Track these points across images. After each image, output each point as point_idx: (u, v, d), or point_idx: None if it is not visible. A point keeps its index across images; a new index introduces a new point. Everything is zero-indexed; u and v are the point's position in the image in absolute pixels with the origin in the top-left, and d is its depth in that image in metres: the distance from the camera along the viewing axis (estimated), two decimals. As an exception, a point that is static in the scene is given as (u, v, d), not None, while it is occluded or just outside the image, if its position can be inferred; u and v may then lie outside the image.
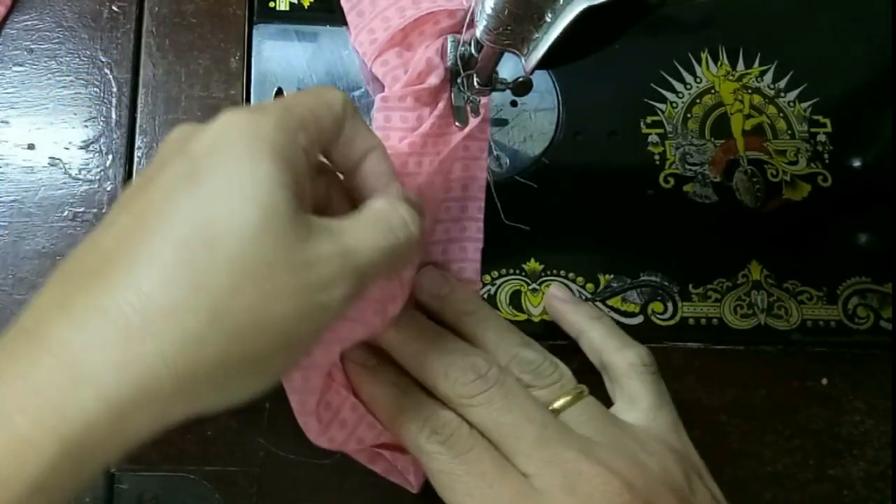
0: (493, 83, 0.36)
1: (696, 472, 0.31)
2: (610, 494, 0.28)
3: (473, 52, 0.36)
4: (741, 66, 0.44)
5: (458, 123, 0.37)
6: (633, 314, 0.39)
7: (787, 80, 0.44)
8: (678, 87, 0.43)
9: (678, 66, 0.43)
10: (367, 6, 0.39)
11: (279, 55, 0.41)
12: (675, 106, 0.43)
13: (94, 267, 0.23)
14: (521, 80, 0.37)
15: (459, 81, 0.37)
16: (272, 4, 0.42)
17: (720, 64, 0.44)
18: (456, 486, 0.29)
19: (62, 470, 0.21)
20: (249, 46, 0.41)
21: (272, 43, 0.41)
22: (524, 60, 0.30)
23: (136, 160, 0.39)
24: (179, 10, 0.41)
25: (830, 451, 0.38)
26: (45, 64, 0.40)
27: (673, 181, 0.41)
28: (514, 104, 0.42)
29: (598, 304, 0.39)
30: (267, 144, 0.24)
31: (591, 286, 0.39)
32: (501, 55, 0.34)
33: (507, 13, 0.28)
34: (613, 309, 0.39)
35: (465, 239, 0.38)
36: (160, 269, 0.22)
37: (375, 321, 0.32)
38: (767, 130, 0.43)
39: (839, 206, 0.41)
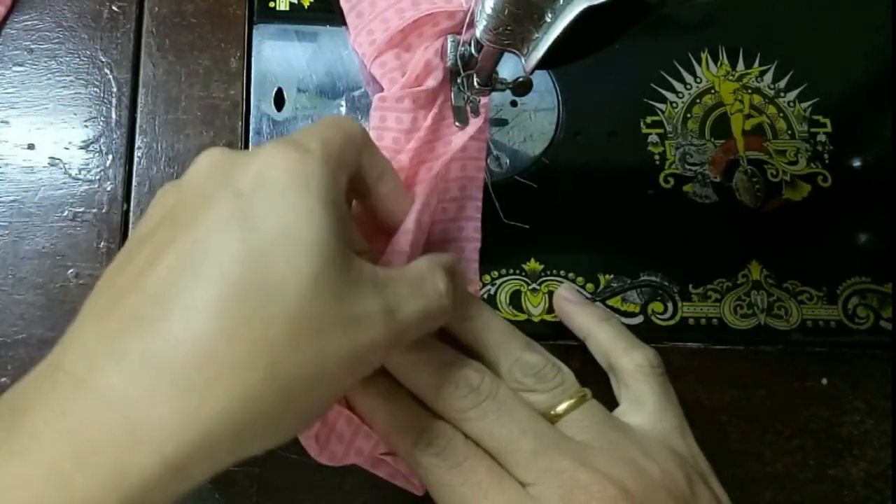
0: (493, 83, 0.36)
1: (700, 475, 0.31)
2: (607, 502, 0.28)
3: (473, 52, 0.36)
4: (741, 66, 0.44)
5: (458, 123, 0.37)
6: (633, 314, 0.39)
7: (787, 80, 0.44)
8: (678, 87, 0.43)
9: (678, 66, 0.43)
10: (366, 7, 0.39)
11: (279, 55, 0.41)
12: (675, 106, 0.43)
13: (142, 309, 0.22)
14: (521, 80, 0.37)
15: (459, 81, 0.37)
16: (272, 4, 0.42)
17: (720, 64, 0.44)
18: (453, 497, 0.29)
19: None
20: (249, 46, 0.41)
21: (272, 43, 0.41)
22: (524, 60, 0.30)
23: (135, 160, 0.39)
24: (179, 10, 0.41)
25: (830, 451, 0.38)
26: (45, 64, 0.40)
27: (673, 181, 0.41)
28: (514, 104, 0.42)
29: (598, 303, 0.39)
30: (319, 189, 0.24)
31: (591, 286, 0.39)
32: (501, 55, 0.34)
33: (507, 13, 0.28)
34: (613, 309, 0.39)
35: (463, 239, 0.38)
36: (218, 321, 0.22)
37: None
38: (767, 130, 0.43)
39: (839, 206, 0.41)
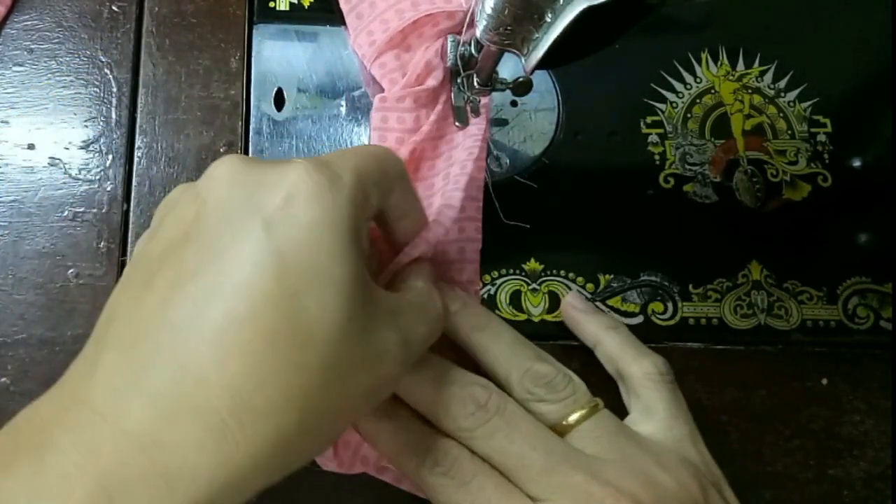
0: (493, 83, 0.36)
1: (714, 484, 0.31)
2: None
3: (473, 52, 0.36)
4: (741, 66, 0.44)
5: (458, 123, 0.37)
6: (633, 314, 0.39)
7: (787, 80, 0.44)
8: (678, 87, 0.43)
9: (678, 66, 0.43)
10: (365, 8, 0.39)
11: (279, 55, 0.41)
12: (675, 106, 0.43)
13: (171, 346, 0.21)
14: (521, 80, 0.37)
15: (459, 81, 0.37)
16: (272, 4, 0.42)
17: (720, 64, 0.44)
18: None
19: None
20: (249, 46, 0.41)
21: (272, 43, 0.41)
22: (524, 60, 0.30)
23: (135, 160, 0.39)
24: (179, 10, 0.41)
25: (830, 451, 0.38)
26: (45, 64, 0.40)
27: (673, 181, 0.41)
28: (514, 104, 0.42)
29: (598, 303, 0.39)
30: (349, 227, 0.24)
31: (591, 286, 0.39)
32: (501, 55, 0.34)
33: (507, 13, 0.28)
34: (613, 309, 0.39)
35: (463, 239, 0.37)
36: (252, 365, 0.21)
37: None
38: (767, 130, 0.43)
39: (839, 206, 0.41)
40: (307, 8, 0.42)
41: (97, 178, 0.38)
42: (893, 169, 0.42)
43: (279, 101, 0.40)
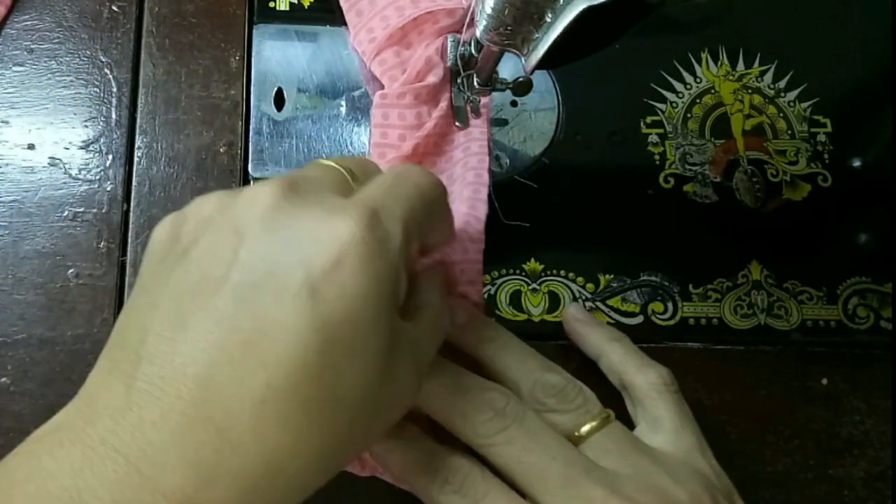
0: (493, 83, 0.36)
1: (726, 495, 0.31)
2: None
3: (473, 52, 0.36)
4: (741, 66, 0.44)
5: (458, 123, 0.37)
6: (633, 314, 0.39)
7: (787, 80, 0.44)
8: (678, 87, 0.43)
9: (678, 66, 0.43)
10: (365, 5, 0.39)
11: (279, 55, 0.41)
12: (675, 106, 0.43)
13: (208, 408, 0.21)
14: (521, 80, 0.37)
15: (459, 81, 0.38)
16: (272, 4, 0.42)
17: (720, 64, 0.44)
18: None
19: None
20: (249, 46, 0.41)
21: (272, 43, 0.41)
22: (524, 60, 0.30)
23: (135, 160, 0.39)
24: (179, 10, 0.41)
25: (830, 451, 0.38)
26: (45, 64, 0.40)
27: (673, 181, 0.41)
28: (514, 104, 0.42)
29: (598, 303, 0.39)
30: (393, 292, 0.24)
31: (591, 286, 0.39)
32: (501, 55, 0.34)
33: (507, 13, 0.28)
34: (613, 309, 0.39)
35: (466, 240, 0.37)
36: (289, 435, 0.22)
37: None
38: (767, 130, 0.43)
39: (839, 206, 0.41)
40: (307, 8, 0.42)
41: (97, 178, 0.38)
42: (893, 169, 0.42)
43: (279, 101, 0.40)
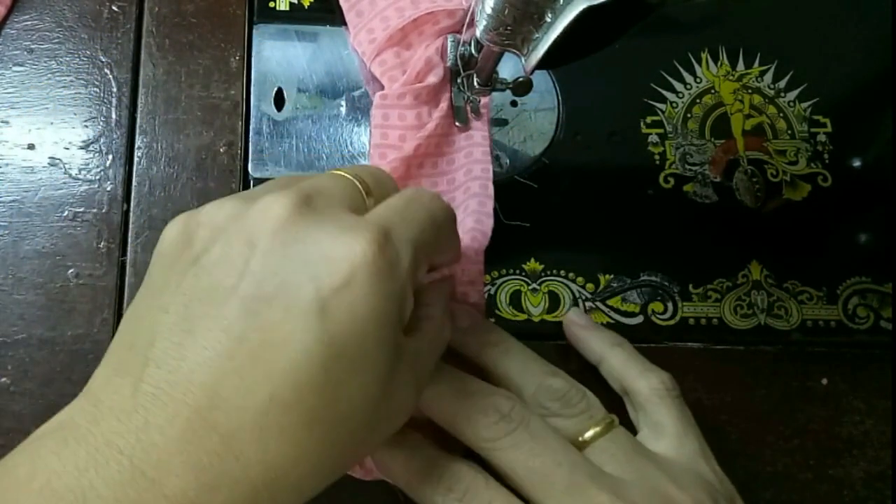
0: (493, 83, 0.36)
1: (729, 500, 0.31)
2: None
3: (473, 52, 0.36)
4: (741, 66, 0.44)
5: (458, 123, 0.37)
6: (633, 314, 0.39)
7: (787, 80, 0.44)
8: (678, 87, 0.43)
9: (678, 66, 0.43)
10: (366, 6, 0.39)
11: (279, 55, 0.41)
12: (675, 106, 0.43)
13: (213, 416, 0.22)
14: (521, 80, 0.37)
15: (459, 81, 0.38)
16: (272, 4, 0.42)
17: (720, 64, 0.44)
18: None
19: None
20: (249, 46, 0.41)
21: (272, 43, 0.41)
22: (524, 60, 0.30)
23: (135, 160, 0.39)
24: (179, 10, 0.41)
25: (830, 451, 0.38)
26: (45, 64, 0.40)
27: (673, 181, 0.41)
28: (514, 104, 0.42)
29: (598, 303, 0.39)
30: (400, 312, 0.25)
31: (591, 286, 0.39)
32: (501, 55, 0.34)
33: (507, 13, 0.28)
34: (613, 309, 0.39)
35: (467, 241, 0.37)
36: (291, 447, 0.22)
37: None
38: (767, 130, 0.43)
39: (839, 206, 0.41)
40: (307, 8, 0.42)
41: (97, 178, 0.38)
42: (893, 169, 0.42)
43: (279, 101, 0.40)
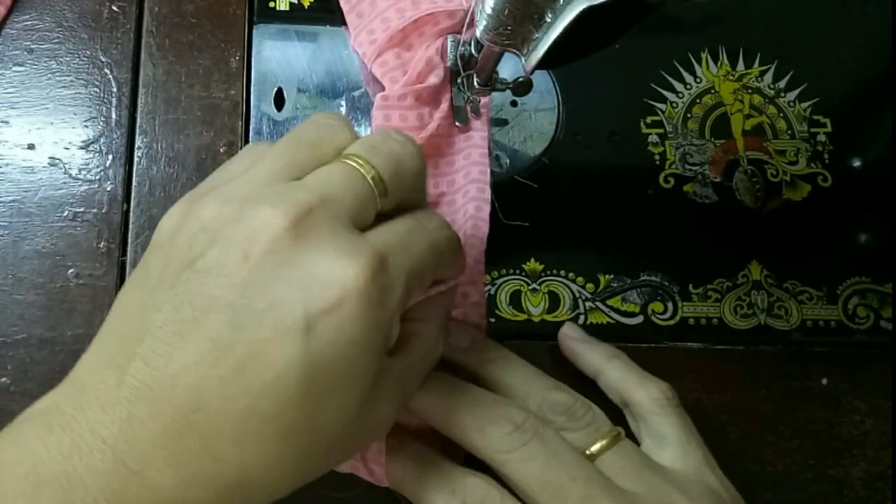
0: (493, 83, 0.36)
1: None
2: None
3: (473, 52, 0.36)
4: (741, 66, 0.44)
5: (458, 124, 0.37)
6: (633, 314, 0.39)
7: (787, 80, 0.44)
8: (678, 87, 0.43)
9: (678, 66, 0.43)
10: (366, 7, 0.39)
11: (279, 55, 0.41)
12: (675, 106, 0.43)
13: (194, 417, 0.22)
14: (521, 80, 0.37)
15: (459, 81, 0.37)
16: (272, 4, 0.42)
17: (720, 64, 0.44)
18: None
19: None
20: (249, 46, 0.41)
21: (272, 43, 0.41)
22: (524, 60, 0.30)
23: (135, 160, 0.39)
24: (179, 10, 0.41)
25: (830, 451, 0.38)
26: (45, 64, 0.40)
27: (673, 181, 0.41)
28: (514, 104, 0.42)
29: (598, 303, 0.39)
30: (385, 338, 0.25)
31: (591, 286, 0.39)
32: (501, 55, 0.34)
33: (507, 13, 0.28)
34: (613, 309, 0.39)
35: (468, 241, 0.37)
36: (266, 454, 0.23)
37: None
38: (767, 130, 0.43)
39: (839, 206, 0.41)
40: (307, 8, 0.42)
41: (97, 178, 0.38)
42: (893, 169, 0.42)
43: (279, 101, 0.40)
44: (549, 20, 0.28)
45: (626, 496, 0.29)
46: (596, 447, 0.30)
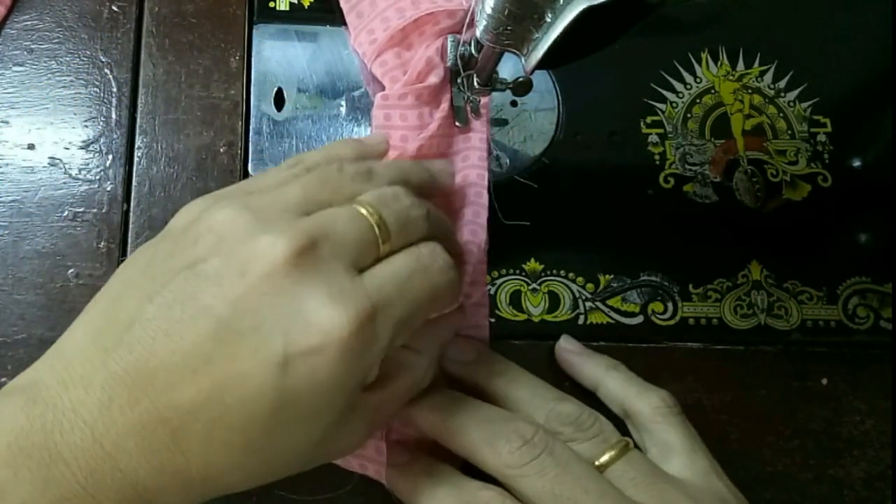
0: (493, 83, 0.36)
1: None
2: None
3: (473, 52, 0.36)
4: (741, 66, 0.44)
5: (458, 124, 0.37)
6: (633, 314, 0.39)
7: (787, 80, 0.44)
8: (678, 87, 0.43)
9: (678, 66, 0.43)
10: (366, 7, 0.39)
11: (279, 55, 0.41)
12: (675, 106, 0.43)
13: (168, 415, 0.24)
14: (521, 80, 0.37)
15: (459, 81, 0.37)
16: (272, 4, 0.42)
17: (720, 64, 0.44)
18: None
19: None
20: (249, 46, 0.41)
21: (272, 43, 0.41)
22: (524, 60, 0.30)
23: (135, 160, 0.39)
24: (179, 10, 0.41)
25: (830, 451, 0.38)
26: (45, 64, 0.40)
27: (673, 181, 0.41)
28: (514, 104, 0.42)
29: (598, 303, 0.39)
30: (360, 382, 0.26)
31: (591, 286, 0.39)
32: (501, 55, 0.34)
33: (507, 13, 0.28)
34: (613, 309, 0.39)
35: (469, 242, 0.37)
36: (230, 459, 0.25)
37: None
38: (767, 130, 0.43)
39: (839, 206, 0.41)
40: (307, 8, 0.42)
41: (97, 178, 0.38)
42: (893, 169, 0.42)
43: (279, 101, 0.40)
44: (549, 20, 0.28)
45: None
46: (605, 458, 0.30)
